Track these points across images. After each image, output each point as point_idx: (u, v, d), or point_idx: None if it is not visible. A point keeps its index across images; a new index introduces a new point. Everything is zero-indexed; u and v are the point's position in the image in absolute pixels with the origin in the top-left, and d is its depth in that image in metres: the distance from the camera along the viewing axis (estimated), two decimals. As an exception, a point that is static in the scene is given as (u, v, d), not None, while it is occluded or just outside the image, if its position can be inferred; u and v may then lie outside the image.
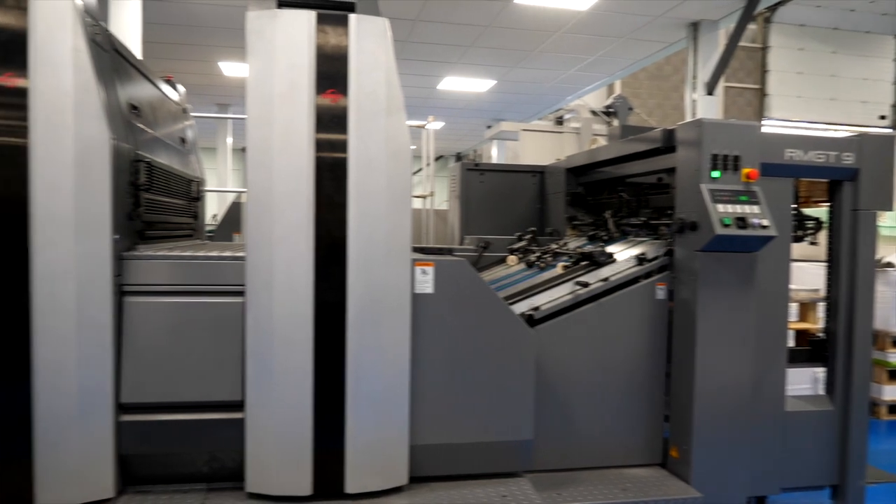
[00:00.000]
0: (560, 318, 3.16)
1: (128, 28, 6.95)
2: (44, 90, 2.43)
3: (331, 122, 2.60)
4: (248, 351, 2.62)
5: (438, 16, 8.86)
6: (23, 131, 2.41)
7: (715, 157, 3.07)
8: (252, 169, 2.60)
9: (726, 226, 2.96)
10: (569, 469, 3.15)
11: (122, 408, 2.61)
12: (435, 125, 7.33)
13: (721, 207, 3.00)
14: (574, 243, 4.23)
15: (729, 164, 3.08)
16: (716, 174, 3.06)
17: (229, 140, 15.34)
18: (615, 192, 4.26)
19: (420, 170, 7.11)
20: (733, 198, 3.05)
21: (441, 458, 2.86)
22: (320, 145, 2.60)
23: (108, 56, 2.79)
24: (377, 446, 2.69)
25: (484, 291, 2.89)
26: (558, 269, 3.58)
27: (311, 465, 2.64)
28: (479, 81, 12.64)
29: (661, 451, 3.30)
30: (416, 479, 2.82)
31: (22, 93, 2.41)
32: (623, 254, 3.57)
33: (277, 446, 2.63)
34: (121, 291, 2.63)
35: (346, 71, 2.61)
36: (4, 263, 2.42)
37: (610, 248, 3.69)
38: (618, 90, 13.74)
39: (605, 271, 3.38)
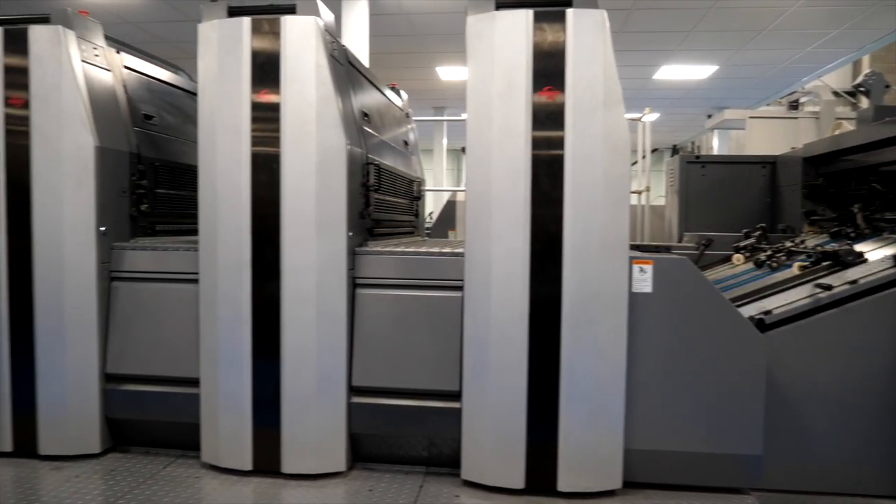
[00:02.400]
0: (796, 323, 2.85)
1: (357, 41, 7.57)
2: (292, 104, 2.74)
3: (547, 119, 2.60)
4: (466, 343, 2.73)
5: (655, 2, 8.45)
6: (276, 141, 2.74)
7: None
8: (471, 168, 2.69)
9: None
10: (803, 492, 2.83)
11: (353, 390, 2.86)
12: (650, 117, 7.02)
13: None
14: (813, 241, 3.80)
15: None
16: None
17: (444, 141, 16.06)
18: (865, 182, 3.74)
19: (635, 163, 6.85)
20: None
21: (657, 465, 2.73)
22: (537, 143, 2.61)
23: (344, 69, 3.06)
24: (590, 446, 2.65)
25: (708, 292, 2.71)
26: (794, 270, 3.24)
27: (524, 459, 2.67)
28: (699, 68, 11.83)
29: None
30: (630, 485, 2.73)
31: (275, 107, 2.74)
32: (875, 253, 3.12)
33: (492, 438, 2.70)
34: (353, 284, 2.88)
35: (563, 67, 2.59)
36: (265, 259, 2.77)
37: (858, 247, 3.25)
38: (866, 67, 12.05)
39: (853, 273, 2.98)
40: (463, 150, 3.06)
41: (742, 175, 4.87)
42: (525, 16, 2.62)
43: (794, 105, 7.13)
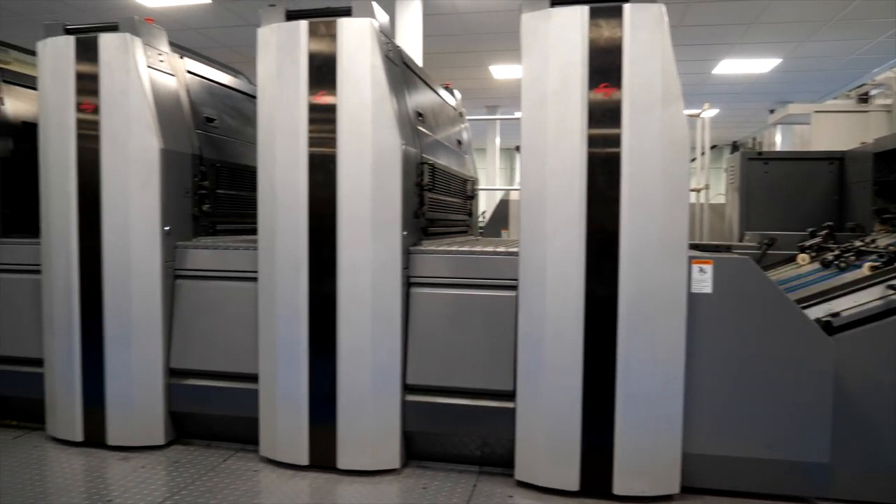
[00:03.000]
0: (867, 326, 2.72)
1: (410, 41, 7.62)
2: (348, 104, 2.77)
3: (603, 116, 2.57)
4: (520, 343, 2.71)
5: (715, -6, 8.23)
6: (332, 142, 2.78)
7: None
8: (525, 166, 2.67)
9: None
10: (871, 503, 2.70)
11: (407, 388, 2.88)
12: (710, 113, 6.83)
13: None
14: (884, 240, 3.63)
15: None
16: None
17: (497, 140, 16.02)
18: (942, 179, 3.56)
19: (694, 160, 6.69)
20: None
21: (717, 471, 2.66)
22: (593, 140, 2.58)
23: (399, 69, 3.08)
24: (647, 449, 2.60)
25: (772, 292, 2.62)
26: (864, 270, 3.10)
27: (579, 460, 2.64)
28: (760, 62, 11.46)
29: None
30: (689, 490, 2.66)
31: (331, 108, 2.78)
32: (954, 253, 2.97)
33: (546, 439, 2.67)
34: (408, 283, 2.90)
35: (619, 63, 2.55)
36: (321, 258, 2.82)
37: (935, 247, 3.09)
38: (943, 56, 11.44)
39: (929, 274, 2.84)
40: (517, 148, 3.04)
41: (807, 172, 4.69)
42: (580, 12, 2.58)
43: (864, 98, 6.82)
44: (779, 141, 13.19)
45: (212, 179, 3.45)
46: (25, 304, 3.36)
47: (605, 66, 2.57)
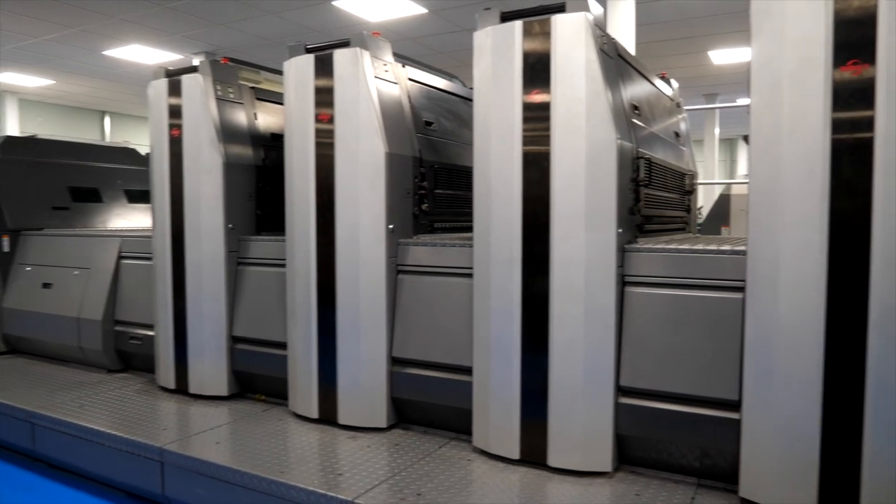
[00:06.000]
0: None
1: (623, 31, 7.39)
2: (562, 101, 2.76)
3: (852, 97, 2.26)
4: (747, 350, 2.49)
5: None
6: (546, 139, 2.79)
7: None
8: (755, 157, 2.45)
9: None
10: None
11: (621, 390, 2.80)
12: None
13: None
14: None
15: None
16: None
17: (716, 131, 14.96)
18: None
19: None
20: None
21: None
22: (838, 125, 2.29)
23: (614, 62, 3.00)
24: (905, 480, 2.25)
25: None
26: None
27: (817, 483, 2.36)
28: None
29: None
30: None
31: (545, 106, 2.79)
32: None
33: (777, 456, 2.43)
34: (622, 281, 2.81)
35: (873, 35, 2.23)
36: (534, 254, 2.84)
37: None
38: None
39: None
40: (744, 138, 2.80)
41: None
42: (824, -19, 2.30)
43: None
44: None
45: (430, 180, 3.64)
46: (274, 294, 3.81)
47: (853, 39, 2.26)
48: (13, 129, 15.85)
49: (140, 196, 6.43)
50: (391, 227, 3.30)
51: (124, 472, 3.35)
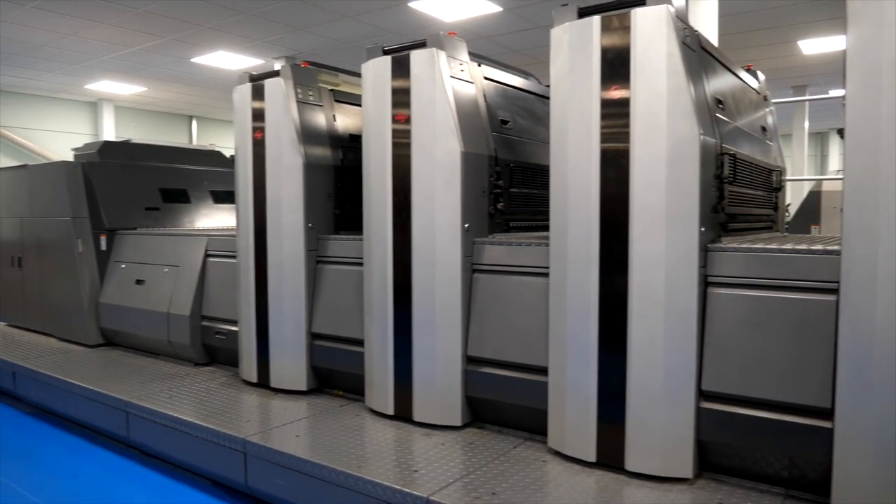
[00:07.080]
0: None
1: (706, 23, 7.15)
2: (642, 96, 2.69)
3: (961, 86, 2.11)
4: (841, 355, 2.36)
5: None
6: (625, 136, 2.73)
7: None
8: (851, 151, 2.31)
9: None
10: None
11: (702, 394, 2.70)
12: None
13: None
14: None
15: None
16: None
17: (806, 124, 14.23)
18: None
19: None
20: None
21: None
22: (944, 117, 2.13)
23: (696, 55, 2.90)
24: None
25: None
26: None
27: (920, 500, 2.22)
28: None
29: None
30: None
31: (625, 102, 2.73)
32: None
33: (873, 469, 2.29)
34: (705, 281, 2.72)
35: None
36: (612, 253, 2.79)
37: None
38: None
39: None
40: (838, 132, 2.65)
41: None
42: (930, -37, 2.15)
43: None
44: None
45: (506, 179, 3.62)
46: (352, 292, 3.90)
47: (964, 25, 2.10)
48: (110, 134, 16.84)
49: (225, 197, 6.71)
50: (467, 226, 3.31)
51: (210, 461, 3.50)
